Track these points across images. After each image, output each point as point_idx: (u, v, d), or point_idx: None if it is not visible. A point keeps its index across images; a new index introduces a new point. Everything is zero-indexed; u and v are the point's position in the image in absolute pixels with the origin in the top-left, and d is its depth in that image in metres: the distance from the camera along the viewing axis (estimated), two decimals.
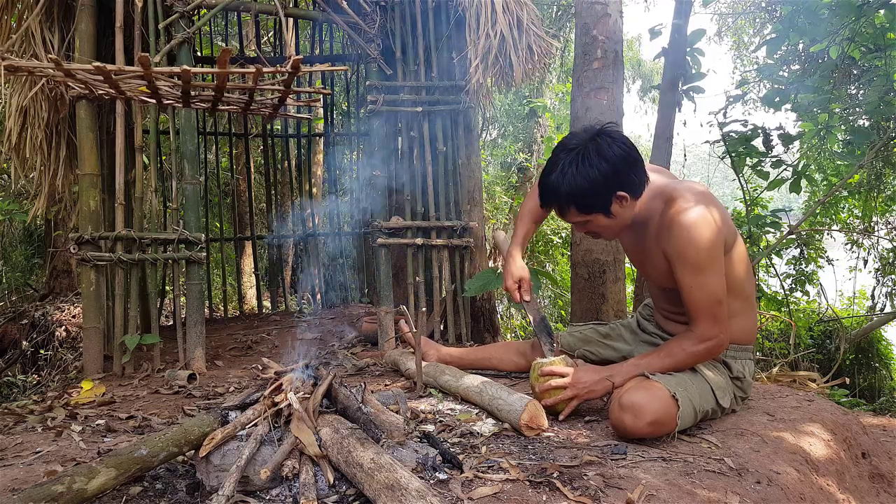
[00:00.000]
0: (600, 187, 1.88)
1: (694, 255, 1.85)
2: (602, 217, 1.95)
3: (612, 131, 1.94)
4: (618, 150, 1.88)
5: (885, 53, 4.33)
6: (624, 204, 1.93)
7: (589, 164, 1.86)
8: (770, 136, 4.29)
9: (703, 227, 1.85)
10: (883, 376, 7.44)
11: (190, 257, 3.37)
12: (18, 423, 2.35)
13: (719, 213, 1.92)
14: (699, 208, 1.87)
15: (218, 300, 6.17)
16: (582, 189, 1.88)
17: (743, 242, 2.10)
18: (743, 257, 2.05)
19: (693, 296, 1.89)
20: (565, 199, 1.93)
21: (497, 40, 3.66)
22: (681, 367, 1.96)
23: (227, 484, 1.40)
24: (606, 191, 1.89)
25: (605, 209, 1.93)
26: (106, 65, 2.71)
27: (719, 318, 1.89)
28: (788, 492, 1.59)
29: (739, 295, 2.03)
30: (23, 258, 7.41)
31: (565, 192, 1.91)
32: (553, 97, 10.09)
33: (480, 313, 4.36)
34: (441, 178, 4.08)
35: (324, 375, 1.79)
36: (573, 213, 1.97)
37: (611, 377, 1.99)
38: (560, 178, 1.90)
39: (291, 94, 3.20)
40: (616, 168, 1.87)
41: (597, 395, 2.02)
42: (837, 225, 8.28)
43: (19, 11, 3.58)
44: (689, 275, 1.88)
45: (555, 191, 1.93)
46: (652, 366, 1.95)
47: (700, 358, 1.96)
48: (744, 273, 2.04)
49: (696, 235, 1.84)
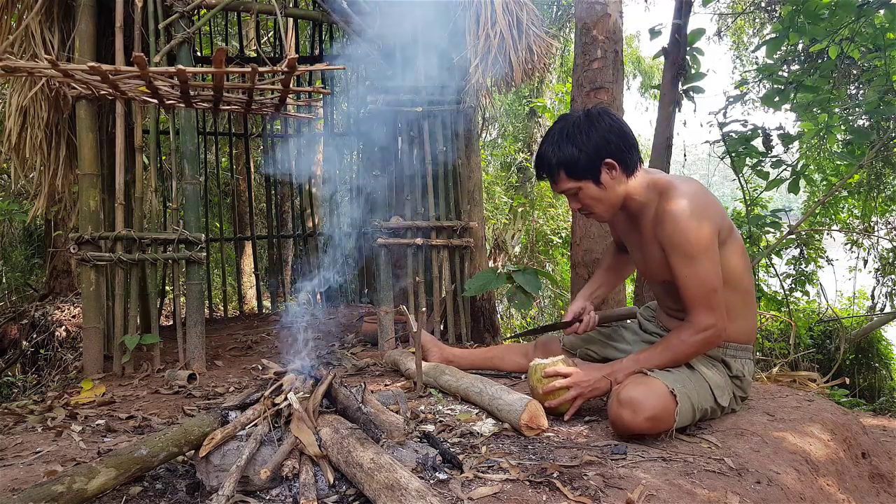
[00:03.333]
0: (590, 152, 1.95)
1: (686, 243, 1.89)
2: (592, 186, 2.00)
3: (606, 108, 2.04)
4: (608, 120, 1.98)
5: (885, 53, 4.33)
6: (614, 175, 1.98)
7: (579, 132, 1.96)
8: (770, 136, 4.29)
9: (694, 215, 1.89)
10: (883, 376, 7.44)
11: (190, 257, 3.37)
12: (18, 423, 2.35)
13: (712, 204, 1.97)
14: (691, 198, 1.92)
15: (218, 300, 6.17)
16: (572, 154, 1.96)
17: (741, 237, 2.11)
18: (740, 251, 2.07)
19: (687, 284, 1.91)
20: (556, 164, 1.99)
21: (497, 40, 3.66)
22: (680, 358, 1.96)
23: (227, 484, 1.40)
24: (596, 156, 1.95)
25: (594, 176, 1.98)
26: (102, 65, 2.71)
27: (715, 306, 1.90)
28: (788, 492, 1.59)
29: (737, 288, 2.04)
30: (23, 258, 7.41)
31: (557, 158, 1.98)
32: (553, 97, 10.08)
33: (480, 313, 4.36)
34: (441, 178, 4.08)
35: (324, 375, 1.79)
36: (563, 178, 2.01)
37: (612, 374, 1.99)
38: (551, 146, 1.99)
39: (291, 93, 3.20)
40: (605, 136, 1.95)
41: (600, 393, 2.03)
42: (837, 225, 8.29)
43: (19, 11, 3.58)
44: (682, 263, 1.91)
45: (546, 157, 2.01)
46: (651, 360, 1.96)
47: (698, 348, 1.95)
48: (742, 267, 2.05)
49: (688, 224, 1.89)
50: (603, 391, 2.02)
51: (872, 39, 4.37)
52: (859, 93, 7.05)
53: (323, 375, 1.80)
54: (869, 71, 5.04)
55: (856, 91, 7.17)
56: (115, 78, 2.88)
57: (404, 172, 4.08)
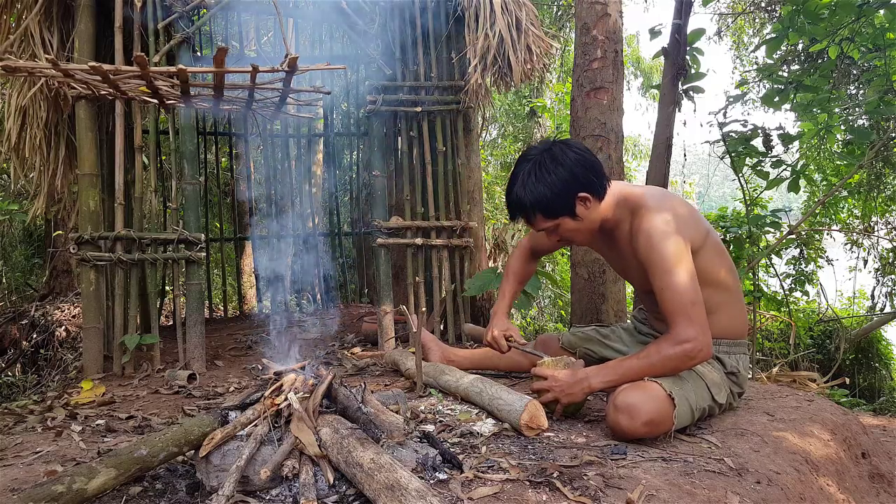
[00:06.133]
0: (561, 192, 1.96)
1: (658, 258, 1.90)
2: (569, 220, 2.03)
3: (566, 140, 2.06)
4: (573, 154, 1.99)
5: (885, 53, 4.33)
6: (588, 205, 2.01)
7: (547, 172, 1.97)
8: (770, 136, 4.29)
9: (661, 231, 1.92)
10: (883, 376, 7.44)
11: (190, 257, 3.37)
12: (18, 423, 2.35)
13: (681, 217, 1.97)
14: (658, 213, 1.95)
15: (218, 300, 6.17)
16: (544, 195, 1.97)
17: (716, 237, 2.12)
18: (718, 250, 2.07)
19: (665, 297, 1.90)
20: (530, 207, 2.00)
21: (496, 41, 3.66)
22: (658, 370, 1.89)
23: (227, 484, 1.40)
24: (568, 194, 1.97)
25: (570, 212, 2.01)
26: (103, 65, 2.71)
27: (695, 318, 1.86)
28: (788, 492, 1.59)
29: (719, 287, 2.05)
30: (23, 258, 7.41)
31: (529, 201, 1.99)
32: (553, 97, 10.08)
33: (480, 313, 4.36)
34: (441, 178, 4.08)
35: (324, 375, 1.79)
36: (540, 219, 2.03)
37: (587, 379, 1.97)
38: (522, 189, 2.00)
39: (291, 93, 3.20)
40: (573, 171, 1.96)
41: (576, 398, 2.00)
42: (837, 225, 8.29)
43: (18, 11, 3.58)
44: (658, 277, 1.91)
45: (519, 201, 2.02)
46: (631, 369, 1.92)
47: (676, 361, 1.88)
48: (721, 266, 2.06)
49: (657, 240, 1.91)
50: (579, 396, 2.00)
51: (872, 39, 4.37)
52: (859, 93, 7.05)
53: (323, 375, 1.80)
54: (869, 71, 5.04)
55: (856, 91, 7.16)
56: (115, 78, 2.88)
57: (404, 172, 4.08)
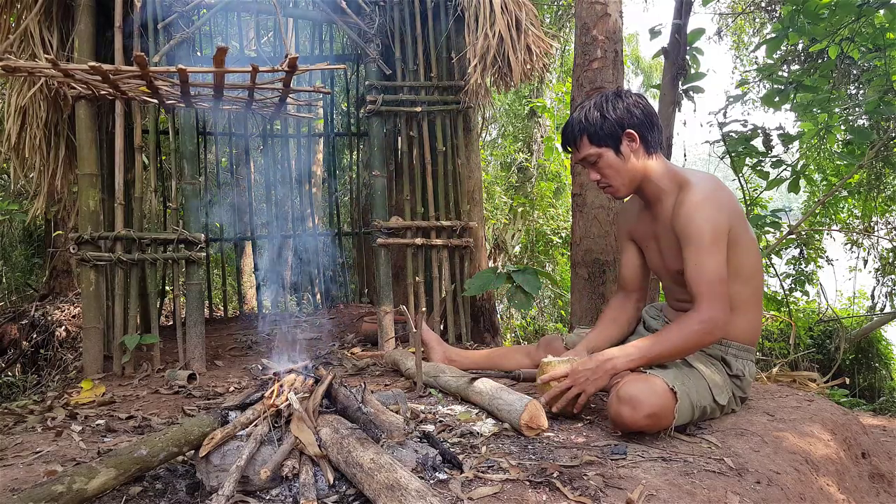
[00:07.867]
0: (613, 120, 2.04)
1: (696, 232, 1.93)
2: (612, 154, 2.07)
3: (637, 92, 2.16)
4: (636, 98, 2.09)
5: (885, 53, 4.33)
6: (634, 147, 2.06)
7: (607, 101, 2.08)
8: (770, 136, 4.29)
9: (708, 206, 1.96)
10: (883, 376, 7.44)
11: (190, 257, 3.37)
12: (18, 423, 2.35)
13: (728, 200, 2.01)
14: (709, 192, 1.99)
15: (218, 300, 6.16)
16: (595, 119, 2.06)
17: (756, 238, 2.13)
18: (754, 249, 2.08)
19: (695, 272, 1.93)
20: (580, 128, 2.09)
21: (496, 41, 3.66)
22: (678, 347, 1.91)
23: (227, 484, 1.40)
24: (618, 125, 2.05)
25: (615, 144, 2.06)
26: (103, 65, 2.71)
27: (720, 297, 1.89)
28: (788, 492, 1.59)
29: (748, 283, 2.05)
30: (23, 258, 7.40)
31: (580, 123, 2.09)
32: (553, 97, 10.07)
33: (480, 313, 4.36)
34: (441, 178, 4.08)
35: (324, 375, 1.79)
36: (585, 144, 2.09)
37: (611, 360, 1.92)
38: (579, 113, 2.11)
39: (291, 92, 3.20)
40: (630, 109, 2.05)
41: (601, 382, 1.94)
42: (837, 225, 8.28)
43: (18, 11, 3.58)
44: (692, 251, 1.94)
45: (572, 122, 2.12)
46: (652, 349, 1.91)
47: (697, 337, 1.89)
48: (754, 265, 2.07)
49: (701, 214, 1.95)
50: (603, 381, 1.93)
51: (872, 39, 4.37)
52: (859, 93, 7.04)
53: (323, 375, 1.80)
54: (869, 71, 5.04)
55: (856, 91, 7.16)
56: (115, 78, 2.88)
57: (404, 172, 4.08)
